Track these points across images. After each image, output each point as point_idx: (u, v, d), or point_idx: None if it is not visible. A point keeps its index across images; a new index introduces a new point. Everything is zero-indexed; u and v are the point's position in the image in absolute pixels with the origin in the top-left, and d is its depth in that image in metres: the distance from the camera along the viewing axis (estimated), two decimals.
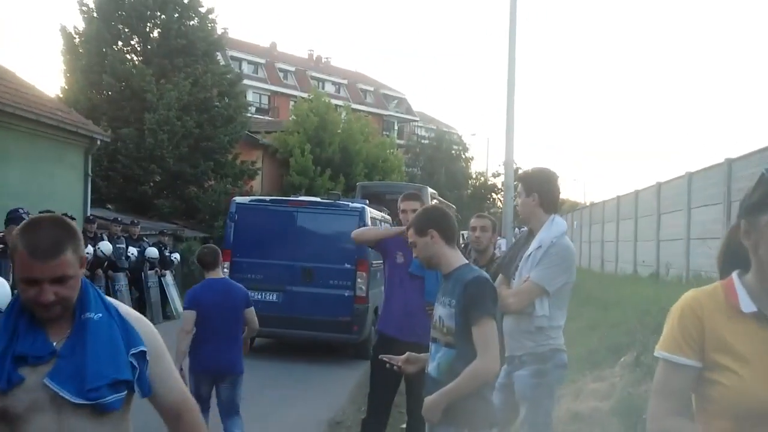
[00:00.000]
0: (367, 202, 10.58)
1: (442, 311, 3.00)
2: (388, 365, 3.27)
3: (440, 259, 3.02)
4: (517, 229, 28.05)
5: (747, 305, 1.64)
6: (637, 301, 8.94)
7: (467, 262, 3.09)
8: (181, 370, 4.44)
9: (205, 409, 4.76)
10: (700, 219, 11.03)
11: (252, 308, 5.13)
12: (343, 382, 8.30)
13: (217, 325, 4.88)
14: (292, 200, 10.49)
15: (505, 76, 14.63)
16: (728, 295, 1.68)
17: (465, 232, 29.43)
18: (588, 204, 23.02)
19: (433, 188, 27.89)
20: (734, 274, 1.70)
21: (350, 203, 10.33)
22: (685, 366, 1.68)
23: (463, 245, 23.45)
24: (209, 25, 22.71)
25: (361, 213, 9.63)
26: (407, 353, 3.28)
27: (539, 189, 3.64)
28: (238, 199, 10.31)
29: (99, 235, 11.39)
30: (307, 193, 21.35)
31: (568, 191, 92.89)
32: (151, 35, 21.89)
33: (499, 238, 27.07)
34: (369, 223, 9.45)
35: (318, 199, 10.61)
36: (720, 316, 1.67)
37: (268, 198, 11.87)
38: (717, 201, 10.27)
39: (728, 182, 9.92)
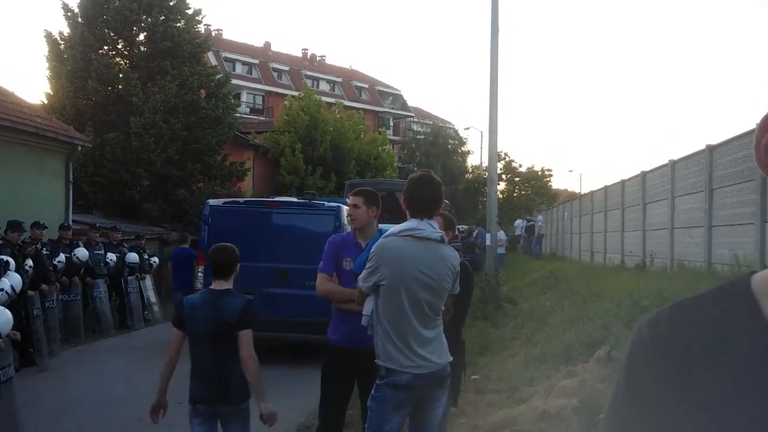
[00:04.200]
0: (347, 200, 10.45)
1: None
2: None
3: None
4: (520, 220, 28.11)
5: None
6: (617, 294, 8.79)
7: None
8: None
9: None
10: (683, 207, 10.88)
11: None
12: (317, 385, 8.20)
13: None
14: (267, 201, 10.39)
15: (490, 69, 14.54)
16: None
17: (460, 226, 29.33)
18: (582, 194, 22.84)
19: None
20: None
21: (326, 202, 10.22)
22: None
23: (459, 239, 23.25)
24: (195, 27, 22.63)
25: (337, 212, 9.52)
26: None
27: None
28: (212, 201, 10.21)
29: (75, 242, 11.30)
30: (298, 192, 21.26)
31: (564, 182, 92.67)
32: (137, 39, 21.79)
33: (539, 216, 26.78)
34: (345, 222, 9.33)
35: (293, 199, 10.50)
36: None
37: (242, 199, 11.79)
38: (699, 189, 10.12)
39: (709, 170, 9.77)
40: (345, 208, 9.78)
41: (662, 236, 11.65)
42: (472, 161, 49.94)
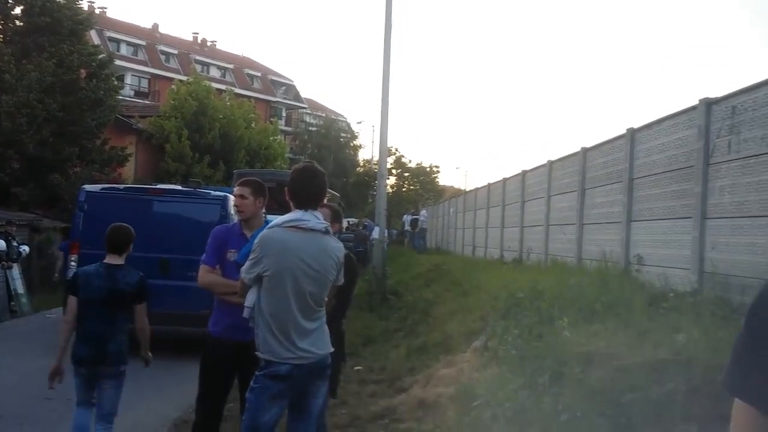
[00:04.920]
0: (233, 190, 10.27)
1: None
2: None
3: None
4: (407, 215, 28.57)
5: None
6: (495, 287, 9.17)
7: None
8: None
9: None
10: (558, 206, 11.47)
11: None
12: (196, 379, 8.02)
13: None
14: (149, 188, 10.02)
15: (383, 64, 14.71)
16: None
17: (350, 220, 29.24)
18: (467, 191, 23.57)
19: None
20: None
21: (212, 191, 9.98)
22: None
23: (349, 230, 23.21)
24: (77, 2, 21.43)
25: (223, 202, 9.32)
26: None
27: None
28: (88, 187, 9.74)
29: None
30: (183, 180, 20.62)
31: (451, 178, 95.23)
32: (12, 12, 20.38)
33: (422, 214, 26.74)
34: (232, 212, 9.16)
35: (177, 187, 10.19)
36: None
37: (121, 186, 11.31)
38: (573, 189, 10.70)
39: (583, 171, 10.36)
40: (232, 197, 9.59)
41: (538, 233, 12.25)
42: (363, 155, 50.39)
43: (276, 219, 3.83)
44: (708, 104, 6.72)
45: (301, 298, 3.57)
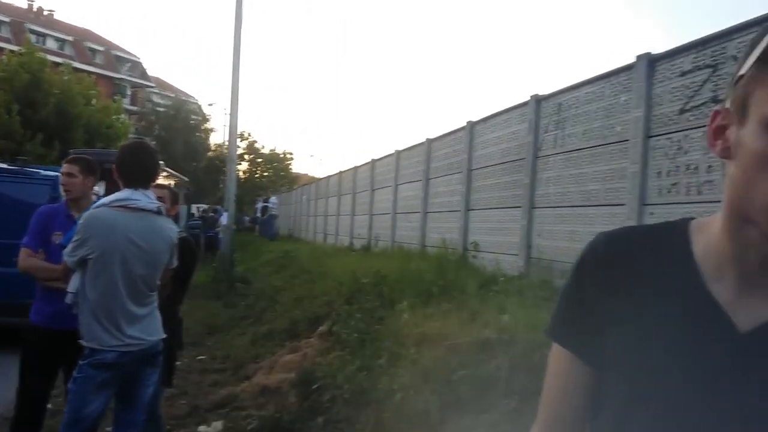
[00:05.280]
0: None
1: None
2: None
3: None
4: (260, 202, 28.08)
5: None
6: (342, 273, 9.30)
7: None
8: None
9: None
10: (404, 194, 11.82)
11: None
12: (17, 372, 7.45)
13: None
14: None
15: (233, 44, 14.37)
16: None
17: (199, 206, 28.15)
18: (320, 179, 23.66)
19: (168, 159, 26.64)
20: None
21: (42, 171, 9.29)
22: None
23: (198, 217, 22.40)
24: None
25: (54, 183, 8.70)
26: None
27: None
28: None
29: None
30: (11, 158, 18.95)
31: (305, 166, 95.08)
32: None
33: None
34: (63, 194, 8.58)
35: (2, 165, 9.37)
36: None
37: None
38: (418, 178, 11.06)
39: (427, 161, 10.74)
40: None
41: (386, 220, 12.56)
42: (215, 139, 48.93)
43: (103, 198, 3.65)
44: (538, 100, 7.20)
45: (131, 282, 3.44)
